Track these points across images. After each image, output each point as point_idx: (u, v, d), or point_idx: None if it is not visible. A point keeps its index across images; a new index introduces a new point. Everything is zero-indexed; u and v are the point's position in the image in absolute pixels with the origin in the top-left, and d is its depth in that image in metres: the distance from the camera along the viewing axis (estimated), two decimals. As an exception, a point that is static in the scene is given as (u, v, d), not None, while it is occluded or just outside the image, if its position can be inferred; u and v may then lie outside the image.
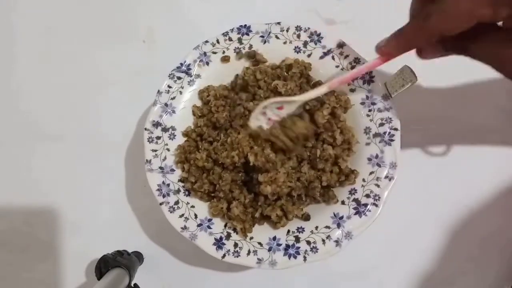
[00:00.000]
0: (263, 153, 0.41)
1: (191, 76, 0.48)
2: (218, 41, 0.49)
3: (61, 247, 0.52)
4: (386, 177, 0.42)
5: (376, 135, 0.44)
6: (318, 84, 0.47)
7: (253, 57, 0.49)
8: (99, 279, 0.43)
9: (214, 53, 0.49)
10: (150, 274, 0.50)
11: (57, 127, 0.57)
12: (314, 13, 0.57)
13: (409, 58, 0.54)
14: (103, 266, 0.44)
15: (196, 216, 0.44)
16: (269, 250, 0.42)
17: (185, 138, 0.47)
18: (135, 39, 0.59)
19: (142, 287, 0.45)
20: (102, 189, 0.54)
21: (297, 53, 0.48)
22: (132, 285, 0.44)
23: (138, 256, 0.49)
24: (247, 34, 0.49)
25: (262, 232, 0.44)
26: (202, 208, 0.45)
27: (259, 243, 0.43)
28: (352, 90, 0.46)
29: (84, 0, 0.61)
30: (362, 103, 0.46)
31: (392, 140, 0.43)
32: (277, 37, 0.49)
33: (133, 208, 0.53)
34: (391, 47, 0.36)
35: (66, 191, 0.54)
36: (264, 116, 0.42)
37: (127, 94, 0.57)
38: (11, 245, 0.53)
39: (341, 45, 0.47)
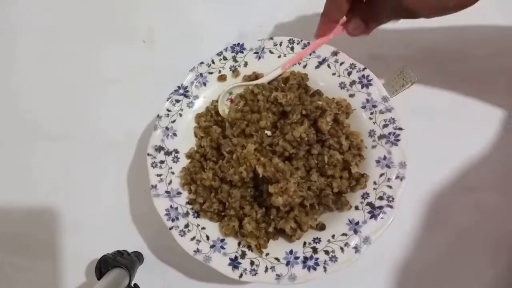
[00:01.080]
0: (271, 163, 0.40)
1: (189, 98, 0.48)
2: (213, 62, 0.49)
3: (61, 247, 0.51)
4: (397, 177, 0.42)
5: (381, 136, 0.44)
6: (317, 93, 0.48)
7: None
8: (99, 279, 0.42)
9: (210, 73, 0.49)
10: (150, 274, 0.49)
11: (57, 127, 0.56)
12: (314, 13, 0.57)
13: (408, 58, 0.54)
14: (103, 266, 0.43)
15: (208, 237, 0.43)
16: (287, 264, 0.41)
17: (189, 160, 0.47)
18: (135, 39, 0.59)
19: (142, 287, 0.44)
20: (102, 189, 0.53)
21: (293, 65, 0.49)
22: (132, 285, 0.43)
23: (138, 256, 0.49)
24: (241, 52, 0.50)
25: (277, 247, 0.42)
26: (213, 228, 0.44)
27: (276, 259, 0.41)
28: (352, 95, 0.46)
29: (84, 0, 0.62)
30: (363, 107, 0.46)
31: (398, 140, 0.43)
32: (271, 52, 0.49)
33: (133, 208, 0.52)
34: (321, 29, 0.43)
35: (66, 191, 0.53)
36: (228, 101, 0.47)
37: (127, 94, 0.57)
38: (11, 245, 0.52)
39: (335, 52, 0.48)
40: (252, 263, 0.41)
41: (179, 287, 0.50)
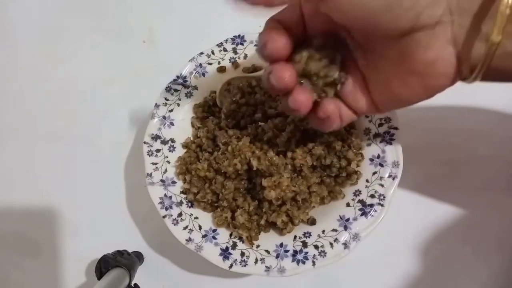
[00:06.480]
0: (266, 156, 0.40)
1: (188, 88, 0.49)
2: (213, 52, 0.49)
3: (61, 247, 0.52)
4: (390, 176, 0.42)
5: (376, 135, 0.44)
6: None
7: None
8: (99, 279, 0.42)
9: (210, 64, 0.49)
10: (150, 274, 0.50)
11: (57, 127, 0.57)
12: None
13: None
14: (103, 266, 0.43)
15: (200, 227, 0.43)
16: (277, 257, 0.41)
17: (185, 150, 0.47)
18: (135, 39, 0.59)
19: (142, 287, 0.44)
20: (102, 189, 0.53)
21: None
22: (132, 285, 0.44)
23: (138, 256, 0.49)
24: (242, 44, 0.49)
25: (268, 240, 0.43)
26: (206, 219, 0.44)
27: (266, 251, 0.42)
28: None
29: (84, 0, 0.62)
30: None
31: (393, 140, 0.43)
32: (271, 45, 0.49)
33: (133, 208, 0.52)
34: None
35: (66, 191, 0.54)
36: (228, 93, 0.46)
37: (127, 94, 0.57)
38: (11, 245, 0.53)
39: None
40: (242, 254, 0.42)
41: (179, 287, 0.50)
